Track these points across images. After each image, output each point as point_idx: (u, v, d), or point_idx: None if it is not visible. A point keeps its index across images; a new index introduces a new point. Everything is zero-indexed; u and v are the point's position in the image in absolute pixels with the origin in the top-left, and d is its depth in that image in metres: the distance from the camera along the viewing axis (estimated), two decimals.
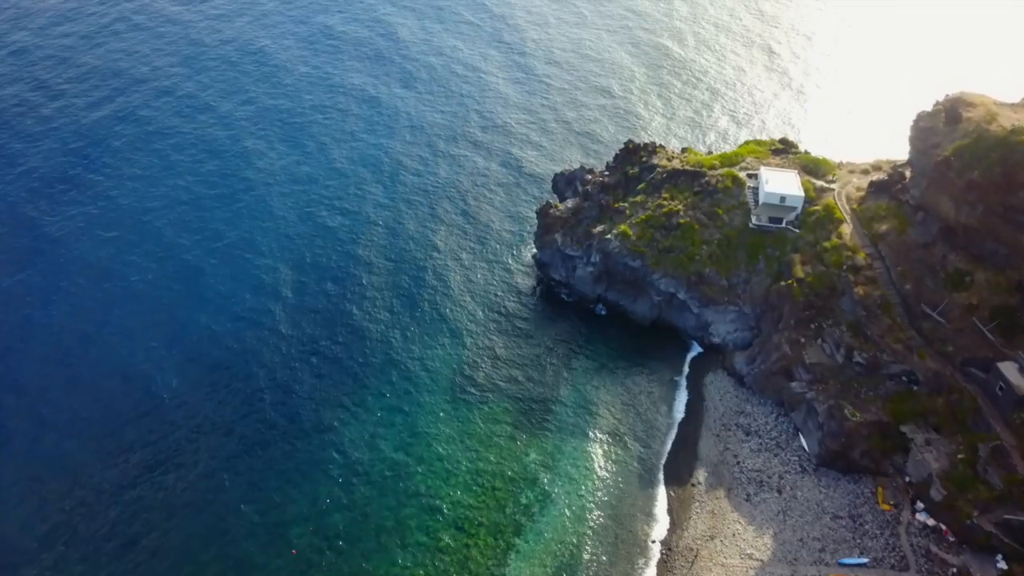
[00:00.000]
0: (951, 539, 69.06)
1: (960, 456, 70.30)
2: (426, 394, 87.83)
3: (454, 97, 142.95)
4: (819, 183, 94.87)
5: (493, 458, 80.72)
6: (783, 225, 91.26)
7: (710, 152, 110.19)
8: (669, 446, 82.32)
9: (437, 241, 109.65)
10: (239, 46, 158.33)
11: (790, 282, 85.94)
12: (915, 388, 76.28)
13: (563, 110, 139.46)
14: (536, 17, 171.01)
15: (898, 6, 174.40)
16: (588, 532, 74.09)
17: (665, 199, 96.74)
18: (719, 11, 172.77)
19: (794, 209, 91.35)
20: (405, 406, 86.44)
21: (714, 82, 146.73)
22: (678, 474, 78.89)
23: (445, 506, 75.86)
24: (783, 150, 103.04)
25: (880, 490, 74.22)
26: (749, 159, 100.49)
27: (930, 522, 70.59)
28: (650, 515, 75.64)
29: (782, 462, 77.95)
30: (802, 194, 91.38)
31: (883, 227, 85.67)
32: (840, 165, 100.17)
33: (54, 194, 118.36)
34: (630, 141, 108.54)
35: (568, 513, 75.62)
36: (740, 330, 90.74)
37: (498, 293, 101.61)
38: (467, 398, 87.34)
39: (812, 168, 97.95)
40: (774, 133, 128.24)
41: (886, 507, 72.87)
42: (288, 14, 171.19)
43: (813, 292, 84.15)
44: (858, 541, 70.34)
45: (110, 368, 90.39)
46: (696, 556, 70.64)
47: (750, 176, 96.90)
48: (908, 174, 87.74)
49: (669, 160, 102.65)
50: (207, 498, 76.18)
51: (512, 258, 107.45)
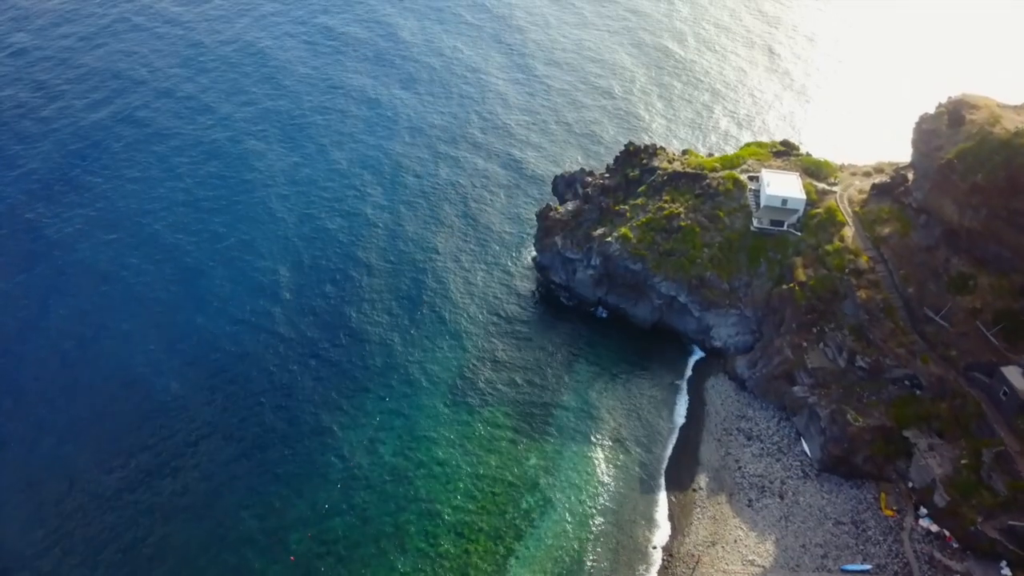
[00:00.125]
0: (955, 545, 68.45)
1: (964, 461, 69.75)
2: (426, 398, 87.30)
3: (454, 98, 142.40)
4: (821, 185, 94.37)
5: (493, 463, 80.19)
6: (785, 228, 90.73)
7: (711, 154, 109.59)
8: (670, 451, 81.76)
9: (437, 243, 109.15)
10: (239, 47, 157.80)
11: (792, 285, 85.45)
12: (918, 393, 75.74)
13: (564, 111, 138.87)
14: (537, 18, 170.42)
15: (899, 6, 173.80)
16: (589, 538, 73.54)
17: (666, 202, 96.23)
18: (720, 12, 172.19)
19: (796, 212, 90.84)
20: (405, 410, 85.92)
21: (715, 83, 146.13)
22: (679, 479, 78.34)
23: (445, 511, 75.29)
24: (784, 152, 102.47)
25: (883, 496, 73.64)
26: (750, 161, 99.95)
27: (933, 528, 69.98)
28: (651, 521, 75.08)
29: (784, 467, 77.39)
30: (804, 197, 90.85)
31: (885, 230, 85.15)
32: (842, 167, 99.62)
33: (53, 196, 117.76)
34: (630, 143, 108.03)
35: (569, 519, 75.09)
36: (741, 334, 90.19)
37: (498, 296, 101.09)
38: (467, 402, 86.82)
39: (814, 170, 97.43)
40: (776, 134, 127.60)
41: (889, 513, 72.30)
42: (288, 15, 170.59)
43: (815, 296, 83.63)
44: (861, 547, 69.77)
45: (109, 371, 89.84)
46: (698, 562, 70.12)
47: (751, 179, 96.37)
48: (911, 177, 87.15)
49: (670, 162, 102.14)
50: (205, 503, 75.63)
51: (512, 261, 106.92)
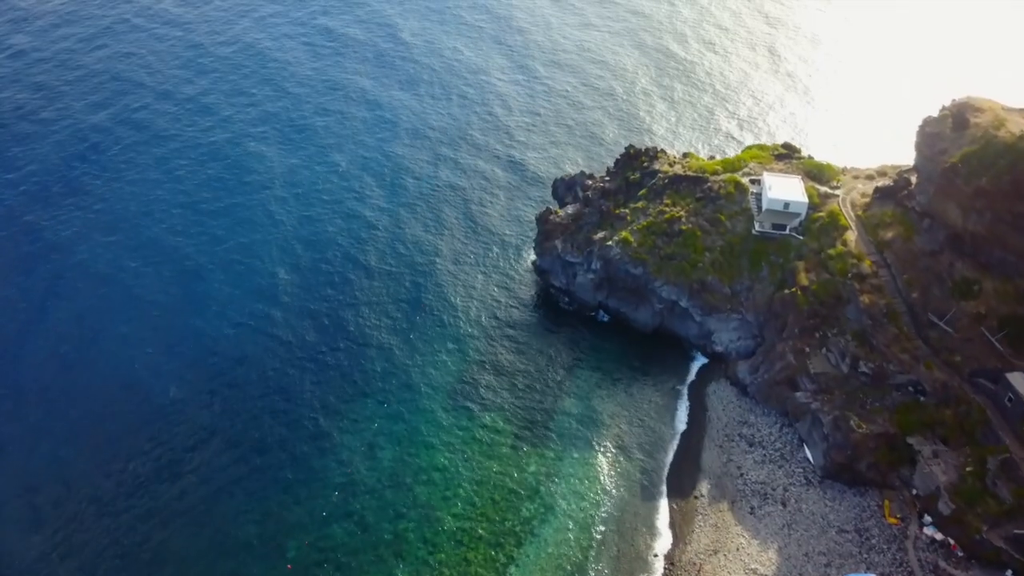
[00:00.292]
0: (960, 554, 67.76)
1: (968, 469, 68.94)
2: (426, 402, 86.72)
3: (454, 100, 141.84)
4: (823, 189, 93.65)
5: (493, 469, 79.57)
6: (787, 232, 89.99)
7: (712, 157, 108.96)
8: (671, 457, 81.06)
9: (438, 246, 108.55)
10: (239, 49, 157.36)
11: (794, 290, 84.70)
12: (922, 399, 74.88)
13: (565, 112, 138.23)
14: (537, 19, 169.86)
15: (900, 6, 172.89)
16: (590, 546, 72.84)
17: (667, 205, 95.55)
18: (721, 12, 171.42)
19: (798, 215, 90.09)
20: (405, 414, 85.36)
21: (717, 84, 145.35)
22: (681, 486, 77.61)
23: (445, 518, 74.69)
24: (786, 155, 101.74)
25: (887, 503, 72.88)
26: (752, 164, 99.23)
27: (938, 536, 69.26)
28: (652, 528, 74.40)
29: (786, 474, 76.63)
30: (806, 200, 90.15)
31: (889, 234, 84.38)
32: (844, 170, 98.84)
33: (52, 198, 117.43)
34: (631, 146, 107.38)
35: (570, 526, 74.42)
36: (743, 339, 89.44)
37: (498, 299, 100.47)
38: (467, 407, 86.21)
39: (816, 174, 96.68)
40: (778, 136, 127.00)
41: (893, 521, 71.53)
42: (288, 16, 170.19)
43: (817, 300, 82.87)
44: (864, 556, 69.02)
45: (107, 375, 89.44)
46: (699, 571, 69.39)
47: (753, 182, 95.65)
48: (914, 180, 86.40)
49: (671, 165, 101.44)
50: (203, 508, 75.15)
51: (513, 264, 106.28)
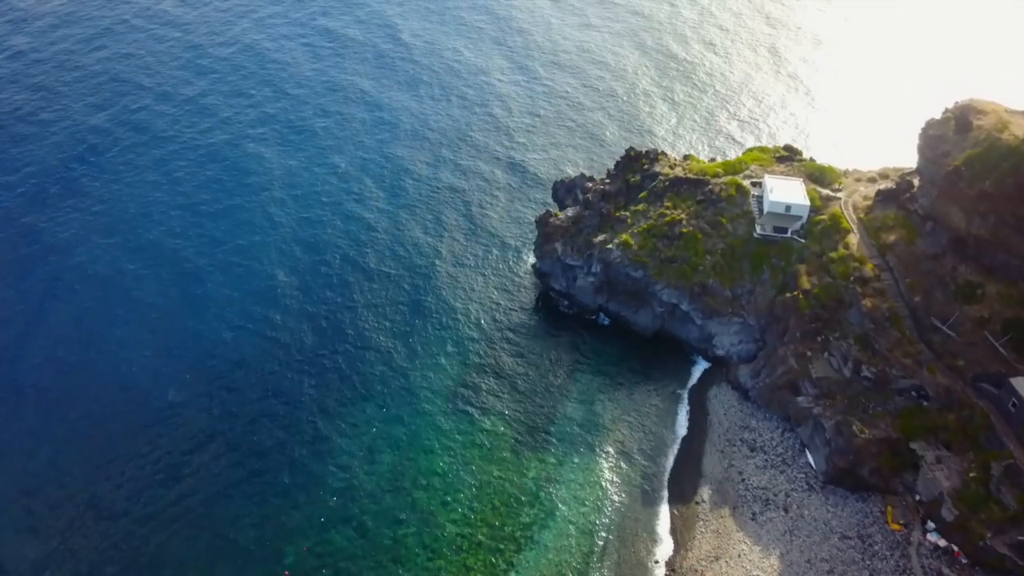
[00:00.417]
0: (964, 561, 67.15)
1: (972, 475, 68.38)
2: (426, 406, 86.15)
3: (455, 101, 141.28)
4: (825, 192, 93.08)
5: (494, 473, 78.95)
6: (788, 235, 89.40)
7: (713, 159, 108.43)
8: (672, 462, 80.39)
9: (437, 248, 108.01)
10: (239, 50, 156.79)
11: (796, 294, 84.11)
12: (925, 404, 74.26)
13: (566, 114, 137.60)
14: (538, 20, 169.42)
15: (901, 5, 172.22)
16: (590, 552, 72.18)
17: (667, 208, 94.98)
18: (723, 13, 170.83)
19: (799, 218, 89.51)
20: (404, 418, 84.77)
21: (718, 85, 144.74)
22: (682, 492, 76.97)
23: (444, 523, 74.08)
24: (787, 157, 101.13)
25: (890, 509, 72.26)
26: (753, 167, 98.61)
27: (942, 543, 68.64)
28: (653, 534, 73.73)
29: (788, 479, 76.02)
30: (808, 203, 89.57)
31: (891, 237, 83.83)
32: (846, 173, 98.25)
33: (50, 200, 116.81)
34: (631, 148, 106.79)
35: (570, 532, 73.79)
36: (744, 342, 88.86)
37: (499, 302, 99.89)
38: (467, 410, 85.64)
39: (818, 176, 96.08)
40: (779, 138, 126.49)
41: (896, 527, 70.92)
42: (288, 17, 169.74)
43: (819, 304, 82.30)
44: (867, 562, 68.38)
45: (106, 378, 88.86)
46: None
47: (754, 184, 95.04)
48: (916, 183, 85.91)
49: (671, 168, 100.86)
50: (201, 513, 74.51)
51: (514, 266, 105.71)
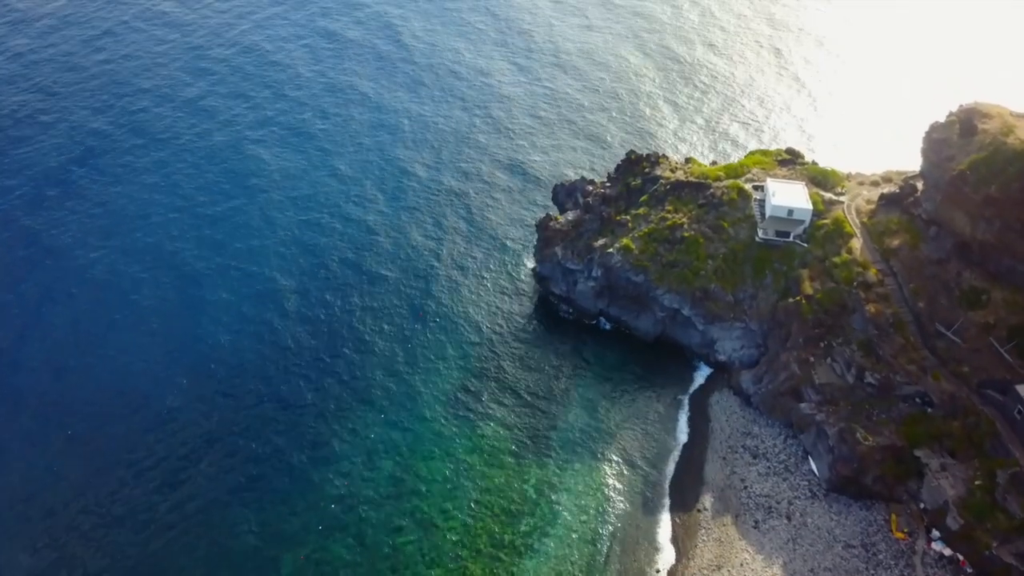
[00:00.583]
0: (969, 570, 66.26)
1: (977, 482, 67.49)
2: (426, 411, 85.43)
3: (456, 103, 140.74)
4: (827, 195, 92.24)
5: (494, 481, 78.10)
6: (791, 239, 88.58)
7: (715, 163, 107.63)
8: (674, 469, 79.54)
9: (438, 252, 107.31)
10: (239, 52, 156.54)
11: (798, 299, 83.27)
12: (929, 411, 73.42)
13: (568, 115, 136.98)
14: (540, 21, 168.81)
15: (902, 5, 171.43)
16: (592, 561, 71.28)
17: (669, 212, 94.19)
18: (725, 15, 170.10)
19: (802, 222, 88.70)
20: (405, 424, 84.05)
21: (720, 87, 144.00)
22: (683, 499, 76.11)
23: (444, 531, 73.29)
24: (790, 160, 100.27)
25: (894, 517, 71.39)
26: (755, 170, 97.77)
27: (947, 552, 67.79)
28: (655, 543, 72.84)
29: (791, 487, 75.12)
30: (810, 207, 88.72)
31: (895, 242, 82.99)
32: (849, 176, 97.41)
33: (49, 202, 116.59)
34: (632, 152, 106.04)
35: (571, 541, 72.93)
36: (746, 347, 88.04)
37: (499, 307, 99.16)
38: (468, 416, 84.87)
39: (820, 180, 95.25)
40: (781, 140, 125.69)
41: (900, 535, 70.04)
42: (289, 18, 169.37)
43: (822, 309, 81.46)
44: (871, 572, 67.45)
45: (104, 382, 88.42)
46: None
47: (756, 188, 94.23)
48: (920, 187, 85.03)
49: (672, 171, 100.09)
50: (199, 519, 73.90)
51: (514, 270, 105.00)
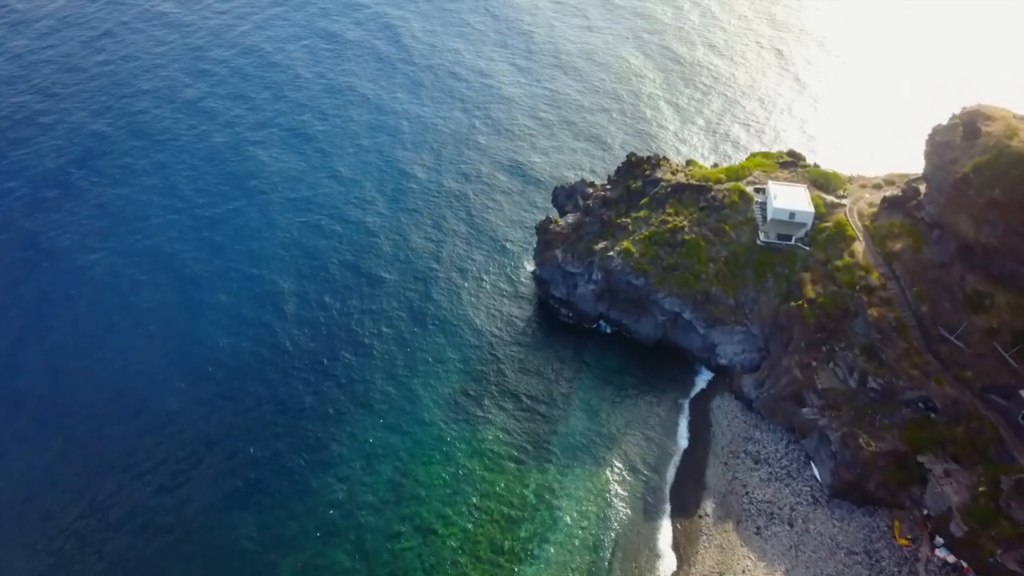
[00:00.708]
0: None
1: (981, 489, 66.80)
2: (426, 416, 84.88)
3: (456, 104, 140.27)
4: (829, 198, 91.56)
5: (494, 486, 77.49)
6: (792, 242, 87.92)
7: (716, 165, 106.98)
8: (675, 474, 78.87)
9: (438, 254, 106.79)
10: (239, 53, 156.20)
11: (800, 302, 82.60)
12: (933, 416, 72.72)
13: (568, 117, 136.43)
14: (541, 21, 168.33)
15: (903, 5, 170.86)
16: (591, 568, 70.61)
17: (669, 215, 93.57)
18: (727, 16, 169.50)
19: (804, 226, 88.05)
20: (404, 428, 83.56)
21: (722, 89, 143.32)
22: (685, 505, 75.42)
23: (444, 537, 72.67)
24: (791, 163, 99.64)
25: (897, 523, 70.66)
26: (756, 173, 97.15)
27: (951, 559, 67.03)
28: (656, 549, 72.15)
29: (793, 493, 74.44)
30: (812, 210, 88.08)
31: (897, 245, 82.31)
32: (851, 179, 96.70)
33: (48, 204, 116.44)
34: (632, 154, 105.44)
35: (571, 547, 72.30)
36: (748, 352, 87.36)
37: (499, 310, 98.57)
38: (468, 420, 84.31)
39: (822, 182, 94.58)
40: (783, 142, 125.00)
41: (903, 542, 69.32)
42: (289, 18, 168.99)
43: (824, 313, 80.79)
44: None
45: (103, 385, 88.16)
46: None
47: (757, 191, 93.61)
48: (923, 190, 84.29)
49: (673, 174, 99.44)
50: (198, 523, 73.58)
51: (514, 273, 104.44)
